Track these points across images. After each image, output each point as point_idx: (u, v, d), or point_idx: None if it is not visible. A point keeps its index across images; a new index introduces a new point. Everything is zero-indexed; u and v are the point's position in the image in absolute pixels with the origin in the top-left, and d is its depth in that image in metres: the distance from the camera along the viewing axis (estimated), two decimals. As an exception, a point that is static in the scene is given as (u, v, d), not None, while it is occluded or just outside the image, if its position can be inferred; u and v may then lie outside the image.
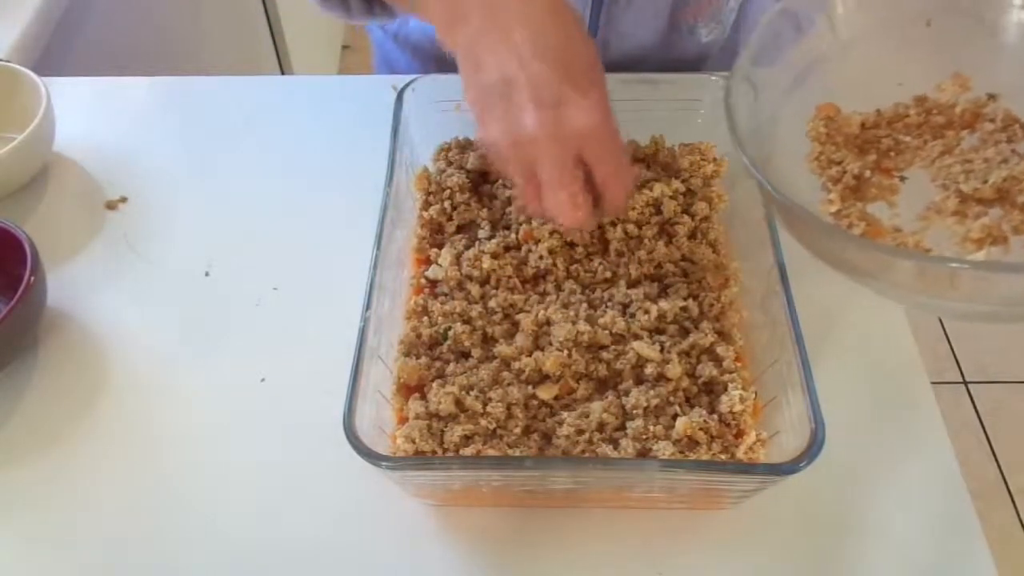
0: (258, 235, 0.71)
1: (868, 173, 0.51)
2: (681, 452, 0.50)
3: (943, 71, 0.54)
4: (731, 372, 0.54)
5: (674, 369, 0.54)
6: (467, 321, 0.58)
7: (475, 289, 0.59)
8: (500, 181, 0.66)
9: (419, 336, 0.57)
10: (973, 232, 0.47)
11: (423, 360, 0.56)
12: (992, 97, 0.53)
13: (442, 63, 0.66)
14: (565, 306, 0.58)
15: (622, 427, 0.52)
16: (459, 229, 0.64)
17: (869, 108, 0.55)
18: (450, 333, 0.57)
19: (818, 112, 0.54)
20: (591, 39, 0.50)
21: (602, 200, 0.51)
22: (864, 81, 0.56)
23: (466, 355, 0.57)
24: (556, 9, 0.48)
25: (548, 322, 0.57)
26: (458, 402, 0.53)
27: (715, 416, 0.52)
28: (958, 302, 0.43)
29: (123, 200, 0.74)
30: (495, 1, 0.48)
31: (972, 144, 0.51)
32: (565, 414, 0.53)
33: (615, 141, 0.49)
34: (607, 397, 0.54)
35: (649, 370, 0.54)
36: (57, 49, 0.96)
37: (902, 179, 0.52)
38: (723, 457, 0.51)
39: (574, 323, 0.56)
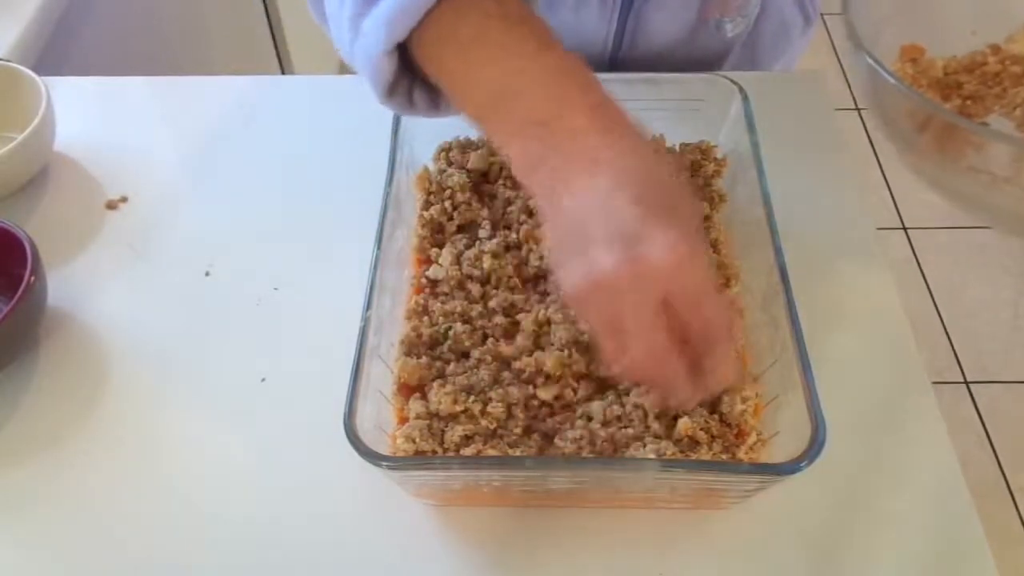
0: (258, 235, 0.71)
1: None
2: (682, 452, 0.50)
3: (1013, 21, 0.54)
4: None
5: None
6: (467, 321, 0.58)
7: (475, 289, 0.59)
8: (500, 181, 0.66)
9: (419, 336, 0.57)
10: None
11: (423, 360, 0.56)
12: None
13: None
14: (566, 306, 0.58)
15: (623, 427, 0.52)
16: (459, 229, 0.64)
17: (945, 53, 0.54)
18: (450, 333, 0.57)
19: (903, 53, 0.53)
20: (676, 177, 0.46)
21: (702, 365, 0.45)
22: (939, 26, 0.55)
23: (466, 355, 0.57)
24: (638, 148, 0.45)
25: (548, 322, 0.57)
26: (458, 402, 0.53)
27: (716, 416, 0.52)
28: None
29: (123, 200, 0.74)
30: (575, 141, 0.44)
31: None
32: (567, 422, 0.53)
33: (703, 283, 0.43)
34: (607, 397, 0.54)
35: (649, 370, 0.54)
36: (57, 49, 0.96)
37: (985, 125, 0.52)
38: (724, 457, 0.51)
39: (574, 323, 0.56)
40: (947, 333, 1.72)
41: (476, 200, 0.64)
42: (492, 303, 0.58)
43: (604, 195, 0.42)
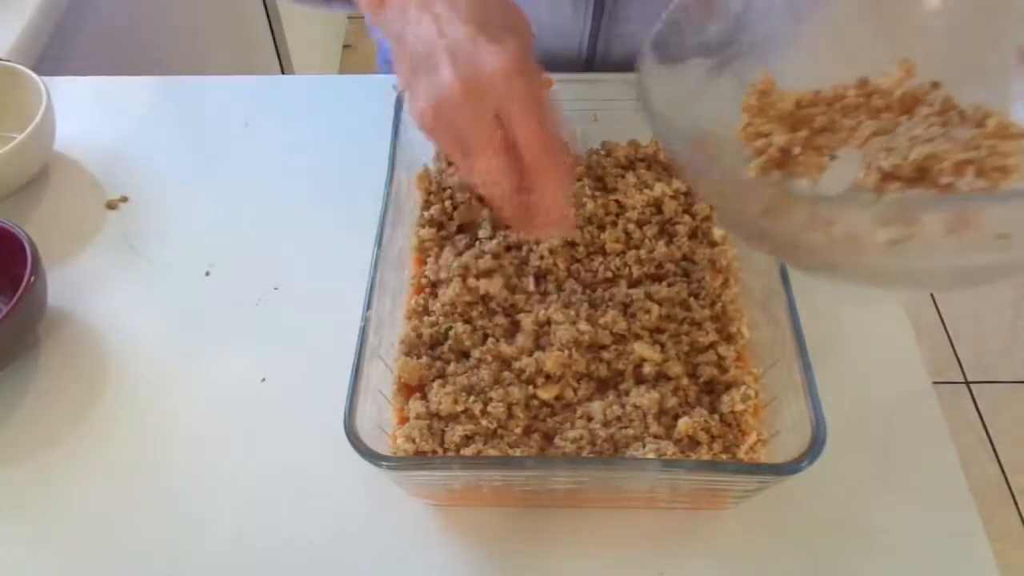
0: (258, 235, 0.71)
1: (797, 149, 0.49)
2: (682, 452, 0.50)
3: (891, 58, 0.53)
4: (732, 371, 0.54)
5: (675, 368, 0.54)
6: (468, 321, 0.58)
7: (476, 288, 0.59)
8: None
9: (420, 336, 0.57)
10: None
11: (424, 360, 0.56)
12: (936, 85, 0.52)
13: None
14: (566, 306, 0.58)
15: (623, 427, 0.52)
16: (460, 229, 0.64)
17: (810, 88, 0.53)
18: (451, 333, 0.57)
19: (754, 86, 0.53)
20: (515, 4, 0.49)
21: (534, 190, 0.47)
22: (808, 64, 0.55)
23: (467, 355, 0.57)
24: None
25: (549, 322, 0.57)
26: (458, 402, 0.53)
27: (716, 416, 0.52)
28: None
29: (123, 200, 0.74)
30: None
31: (907, 128, 0.51)
32: (567, 422, 0.53)
33: (536, 96, 0.45)
34: (608, 397, 0.54)
35: (648, 369, 0.54)
36: (57, 49, 0.96)
37: (833, 158, 0.51)
38: (724, 457, 0.51)
39: (575, 323, 0.56)
40: (948, 333, 1.72)
41: (476, 200, 0.64)
42: (492, 303, 0.58)
43: (440, 20, 0.46)
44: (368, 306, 0.53)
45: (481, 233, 0.62)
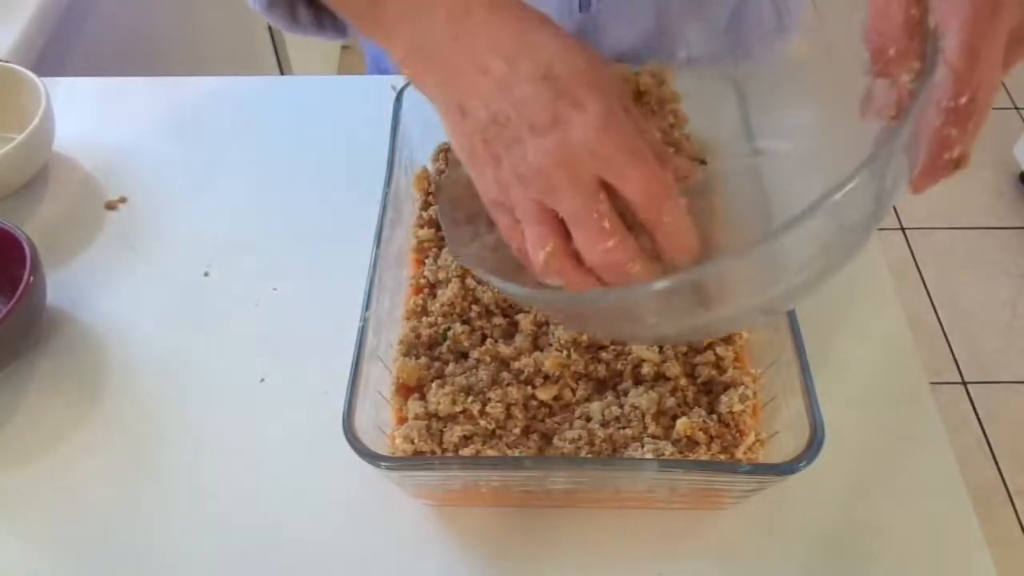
0: (258, 235, 0.71)
1: None
2: (680, 452, 0.50)
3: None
4: (731, 372, 0.54)
5: (673, 369, 0.54)
6: (466, 321, 0.58)
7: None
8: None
9: (418, 336, 0.57)
10: None
11: (422, 360, 0.56)
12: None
13: None
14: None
15: (622, 427, 0.52)
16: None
17: None
18: (449, 333, 0.57)
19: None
20: (573, 39, 0.43)
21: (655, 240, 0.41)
22: None
23: (465, 355, 0.57)
24: (526, 27, 0.42)
25: (548, 322, 0.57)
26: (457, 402, 0.53)
27: (714, 416, 0.52)
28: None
29: (123, 200, 0.74)
30: (460, 36, 0.42)
31: None
32: (566, 423, 0.53)
33: (633, 148, 0.40)
34: (606, 397, 0.54)
35: (646, 370, 0.54)
36: (57, 49, 0.96)
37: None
38: (723, 457, 0.51)
39: (573, 323, 0.56)
40: (945, 334, 1.72)
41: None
42: (491, 304, 0.58)
43: (508, 87, 0.40)
44: (367, 306, 0.53)
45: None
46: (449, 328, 0.57)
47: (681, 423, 0.51)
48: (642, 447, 0.50)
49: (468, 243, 0.50)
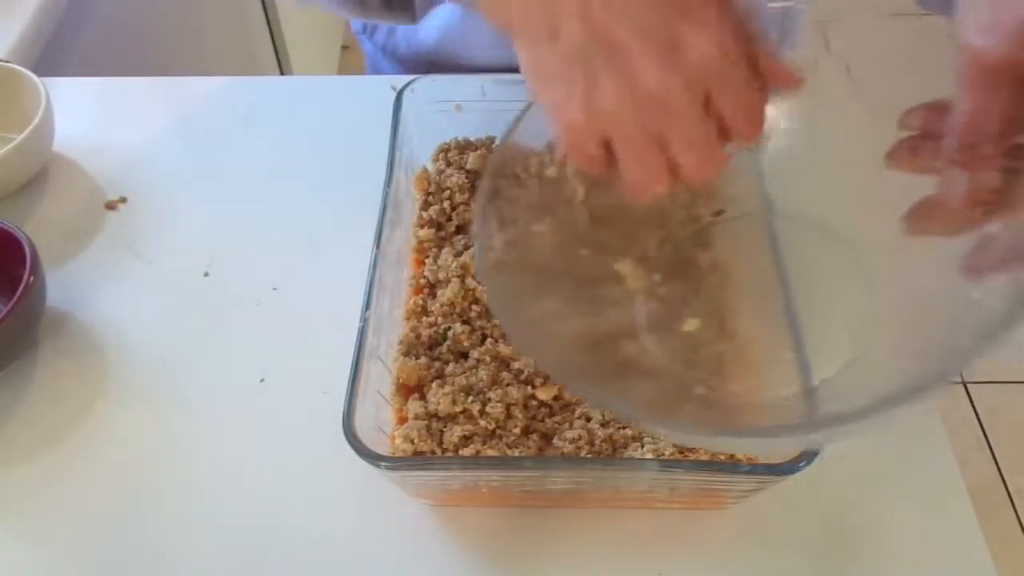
0: (258, 235, 0.71)
1: None
2: (680, 452, 0.50)
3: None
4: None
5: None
6: (466, 321, 0.58)
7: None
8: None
9: (418, 336, 0.57)
10: None
11: (422, 360, 0.56)
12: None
13: (433, 73, 0.66)
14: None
15: (622, 427, 0.52)
16: (459, 229, 0.64)
17: None
18: (449, 333, 0.57)
19: None
20: None
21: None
22: None
23: (465, 355, 0.57)
24: None
25: (547, 322, 0.57)
26: (457, 402, 0.53)
27: (714, 416, 0.52)
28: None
29: (123, 200, 0.74)
30: None
31: None
32: (566, 423, 0.53)
33: (739, 71, 0.39)
34: (606, 397, 0.54)
35: (648, 370, 0.54)
36: (57, 49, 0.96)
37: None
38: (722, 457, 0.51)
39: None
40: (945, 334, 1.72)
41: (475, 200, 0.64)
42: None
43: (617, 5, 0.38)
44: (367, 306, 0.53)
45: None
46: (449, 328, 0.57)
47: (681, 423, 0.51)
48: (642, 447, 0.50)
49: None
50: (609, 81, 0.39)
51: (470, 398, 0.53)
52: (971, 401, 1.62)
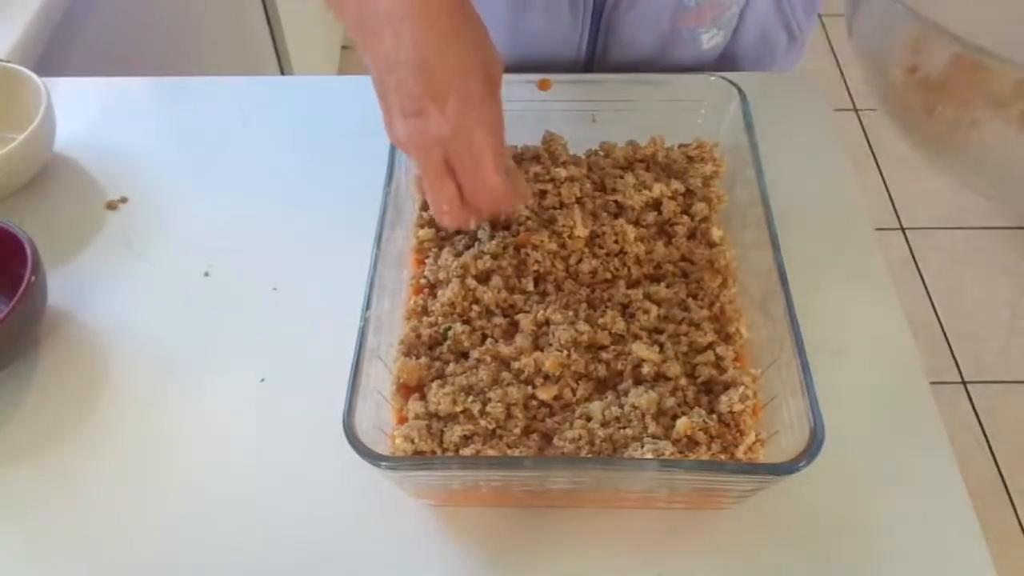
0: (258, 235, 0.71)
1: None
2: (681, 452, 0.50)
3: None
4: (731, 372, 0.54)
5: (673, 369, 0.54)
6: (467, 321, 0.58)
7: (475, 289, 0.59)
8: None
9: (419, 336, 0.57)
10: None
11: (423, 360, 0.56)
12: None
13: None
14: (565, 306, 0.58)
15: (622, 427, 0.52)
16: (458, 229, 0.64)
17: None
18: (450, 333, 0.57)
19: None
20: (470, 39, 0.50)
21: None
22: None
23: (465, 355, 0.57)
24: (426, 11, 0.48)
25: (548, 322, 0.57)
26: (457, 402, 0.53)
27: (714, 416, 0.52)
28: None
29: (123, 200, 0.74)
30: (374, 4, 0.49)
31: None
32: (566, 423, 0.54)
33: (473, 151, 0.50)
34: (606, 397, 0.54)
35: (647, 369, 0.54)
36: (57, 49, 0.96)
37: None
38: (723, 457, 0.51)
39: (573, 323, 0.56)
40: (945, 333, 1.72)
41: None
42: (491, 304, 0.58)
43: (392, 64, 0.49)
44: (367, 306, 0.53)
45: (480, 234, 0.62)
46: (449, 328, 0.57)
47: (681, 423, 0.51)
48: (642, 447, 0.50)
49: None
50: (387, 118, 0.52)
51: (470, 398, 0.53)
52: (971, 401, 1.62)
